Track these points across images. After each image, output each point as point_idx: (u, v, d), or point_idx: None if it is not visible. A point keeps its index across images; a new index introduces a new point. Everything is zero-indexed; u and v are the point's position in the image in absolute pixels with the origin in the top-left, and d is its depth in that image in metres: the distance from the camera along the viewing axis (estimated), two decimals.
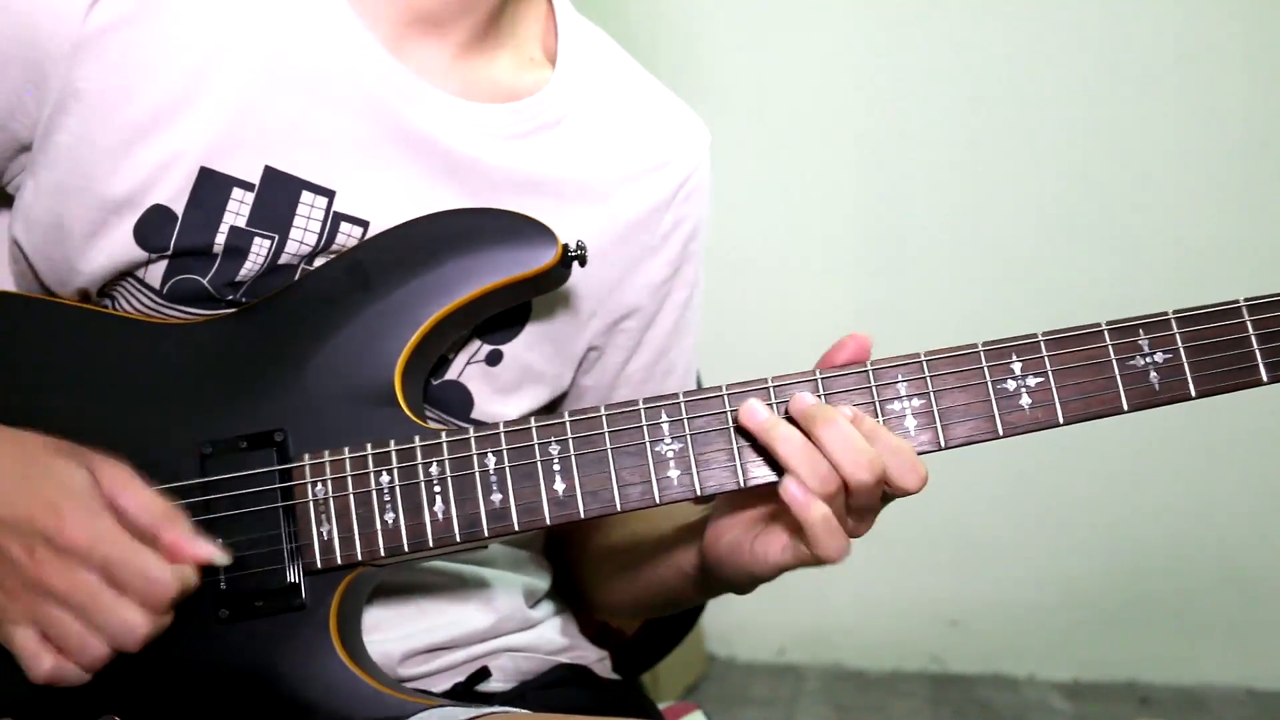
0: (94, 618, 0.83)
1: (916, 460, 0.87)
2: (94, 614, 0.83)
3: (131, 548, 0.83)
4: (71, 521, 0.82)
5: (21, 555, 0.83)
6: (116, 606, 0.83)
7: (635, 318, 1.11)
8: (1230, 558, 2.79)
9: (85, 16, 0.92)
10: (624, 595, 1.14)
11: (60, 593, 0.82)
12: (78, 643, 0.83)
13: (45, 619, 0.83)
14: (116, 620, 0.83)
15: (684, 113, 1.15)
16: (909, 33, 2.78)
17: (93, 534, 0.83)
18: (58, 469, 0.85)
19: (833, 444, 0.86)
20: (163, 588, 0.83)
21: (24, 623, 0.84)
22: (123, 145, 0.94)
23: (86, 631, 0.83)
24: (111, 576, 0.83)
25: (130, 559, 0.83)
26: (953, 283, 2.82)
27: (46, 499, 0.83)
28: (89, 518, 0.83)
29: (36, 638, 0.84)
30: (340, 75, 0.97)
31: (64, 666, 0.84)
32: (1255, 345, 0.87)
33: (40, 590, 0.83)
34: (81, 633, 0.83)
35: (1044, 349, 0.88)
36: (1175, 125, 2.70)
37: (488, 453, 0.91)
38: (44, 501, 0.83)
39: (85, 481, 0.85)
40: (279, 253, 0.97)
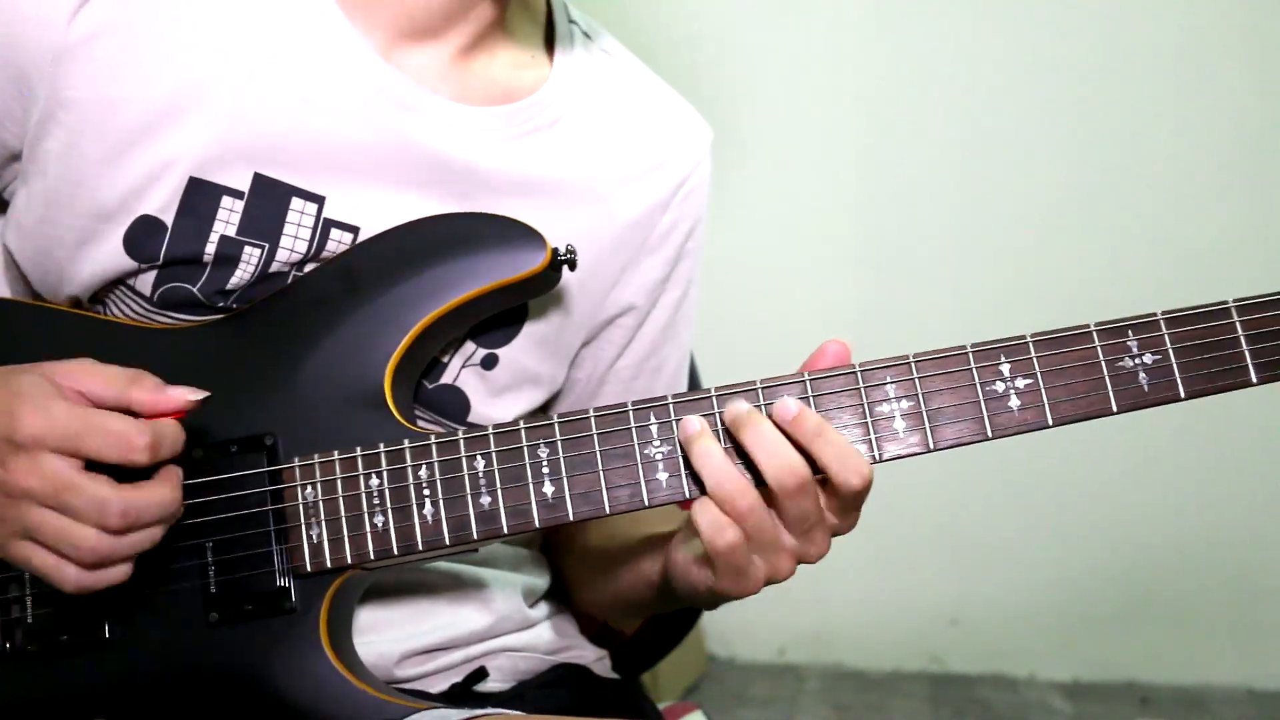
0: (67, 503, 0.81)
1: (859, 460, 0.86)
2: (67, 499, 0.81)
3: (88, 415, 0.82)
4: (24, 415, 0.81)
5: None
6: (86, 483, 0.81)
7: (630, 315, 1.11)
8: (1230, 558, 2.79)
9: (68, 24, 0.92)
10: (600, 596, 1.15)
11: (34, 490, 0.81)
12: (65, 536, 0.81)
13: (33, 524, 0.82)
14: (88, 498, 0.81)
15: (685, 110, 1.14)
16: (909, 33, 2.78)
17: (48, 419, 0.81)
18: (10, 380, 0.84)
19: (755, 448, 0.85)
20: (132, 438, 0.82)
21: (23, 538, 0.82)
22: (112, 154, 0.93)
23: (68, 522, 0.81)
24: (79, 451, 0.81)
25: (90, 424, 0.82)
26: (952, 283, 2.82)
27: (2, 408, 0.82)
28: (40, 406, 0.81)
29: (34, 546, 0.82)
30: (331, 82, 0.97)
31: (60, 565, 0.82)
32: (1245, 346, 0.87)
33: (19, 496, 0.81)
34: (64, 524, 0.81)
35: (1033, 350, 0.88)
36: (1173, 127, 2.69)
37: (477, 455, 0.90)
38: (1, 411, 0.82)
39: (37, 380, 0.83)
40: (269, 261, 0.96)
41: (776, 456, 0.85)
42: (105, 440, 0.81)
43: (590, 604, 1.17)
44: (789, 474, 0.84)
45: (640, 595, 1.06)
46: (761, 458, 0.85)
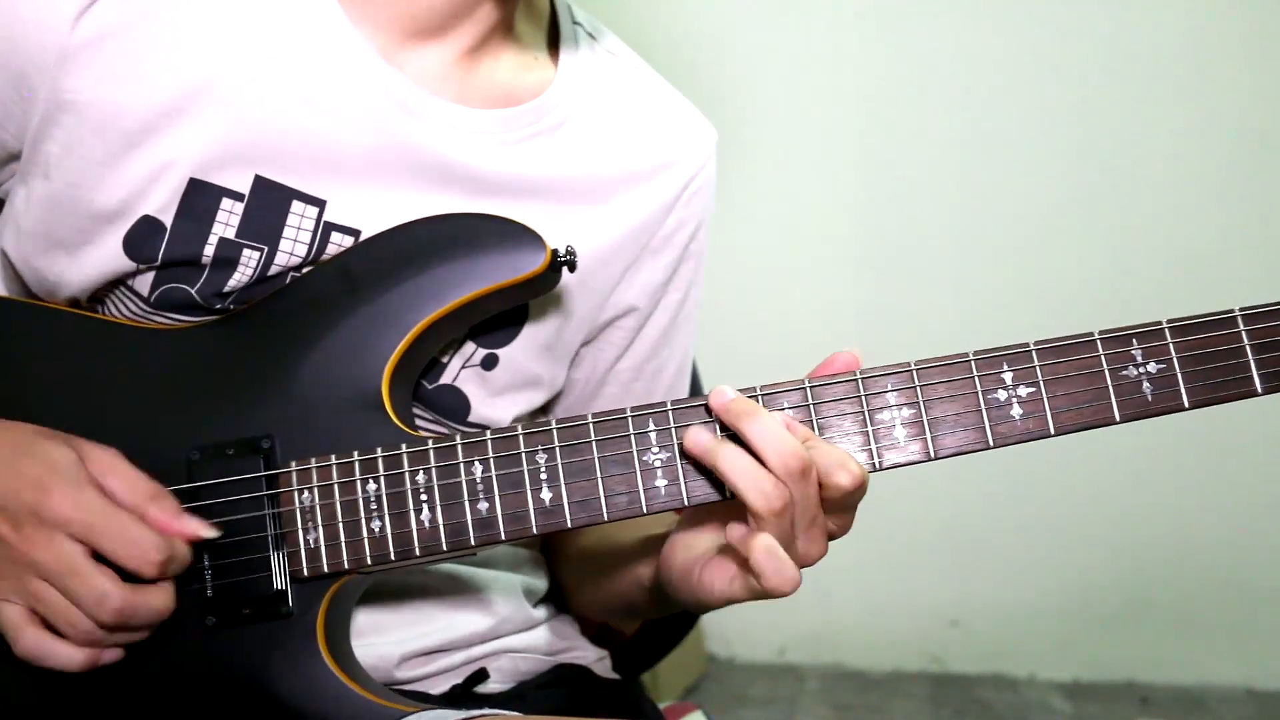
0: (71, 587, 0.84)
1: (848, 459, 0.84)
2: (71, 583, 0.84)
3: (111, 512, 0.85)
4: (57, 494, 0.84)
5: (9, 533, 0.84)
6: (92, 574, 0.84)
7: (631, 316, 1.11)
8: (1230, 558, 2.79)
9: (72, 27, 0.91)
10: (593, 599, 1.14)
11: (43, 564, 0.84)
12: (61, 614, 0.85)
13: (32, 593, 0.85)
14: (90, 589, 0.84)
15: (689, 112, 1.14)
16: (909, 34, 2.78)
17: (75, 504, 0.84)
18: (45, 450, 0.87)
19: (759, 439, 0.84)
20: (148, 551, 0.85)
21: (13, 599, 0.85)
22: (112, 156, 0.93)
23: (64, 603, 0.84)
24: (96, 546, 0.84)
25: (113, 526, 0.84)
26: (952, 285, 2.81)
27: (33, 477, 0.85)
28: (74, 491, 0.84)
29: (23, 612, 0.86)
30: (332, 84, 0.96)
31: (44, 643, 0.86)
32: (1250, 356, 0.86)
33: (26, 565, 0.84)
34: (60, 603, 0.84)
35: (1036, 358, 0.87)
36: (1174, 128, 2.69)
37: (475, 461, 0.90)
38: (31, 479, 0.85)
39: (72, 459, 0.86)
40: (268, 264, 0.96)
41: (780, 443, 0.83)
42: (123, 545, 0.85)
43: (585, 606, 1.17)
44: (794, 457, 0.83)
45: (633, 598, 1.06)
46: (766, 445, 0.83)
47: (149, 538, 0.85)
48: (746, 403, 0.86)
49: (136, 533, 0.85)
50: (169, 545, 0.86)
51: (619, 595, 1.08)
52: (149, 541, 0.85)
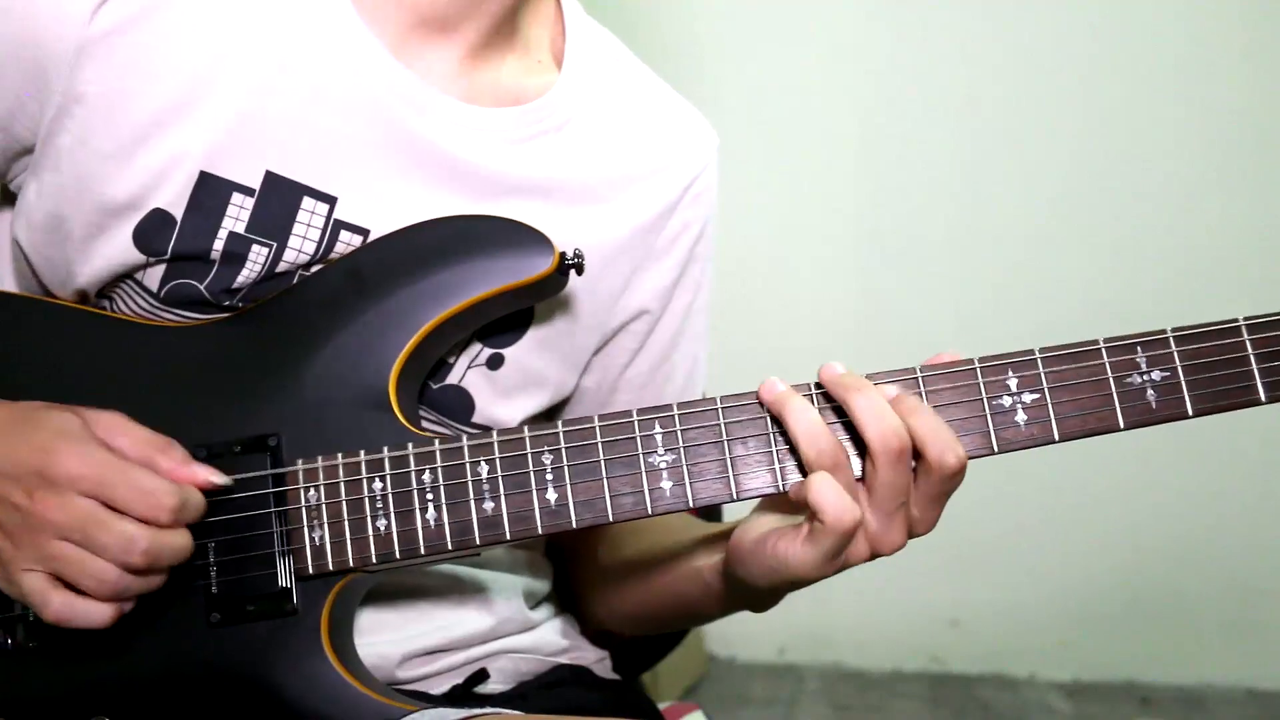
0: (93, 537, 0.82)
1: (954, 439, 0.85)
2: (93, 533, 0.82)
3: (121, 465, 0.84)
4: (64, 454, 0.83)
5: (22, 499, 0.83)
6: (114, 521, 0.83)
7: (641, 321, 1.11)
8: (1230, 558, 2.79)
9: (90, 20, 0.92)
10: (631, 604, 1.13)
11: (60, 524, 0.82)
12: (85, 567, 0.83)
13: (51, 555, 0.83)
14: (116, 535, 0.82)
15: (691, 115, 1.14)
16: (909, 35, 2.78)
17: (83, 461, 0.83)
18: (49, 416, 0.86)
19: (861, 411, 0.85)
20: (161, 498, 0.83)
21: (34, 567, 0.84)
22: (123, 149, 0.93)
23: (90, 555, 0.83)
24: (109, 499, 0.83)
25: (124, 477, 0.83)
26: (952, 285, 2.81)
27: (39, 443, 0.84)
28: (80, 449, 0.83)
29: (44, 578, 0.84)
30: (343, 80, 0.96)
31: (74, 603, 0.84)
32: (1254, 365, 0.86)
33: (43, 528, 0.83)
34: (85, 557, 0.83)
35: (1041, 365, 0.87)
36: (1175, 128, 2.69)
37: (481, 461, 0.90)
38: (37, 445, 0.84)
39: (76, 423, 0.85)
40: (277, 260, 0.96)
41: (883, 420, 0.84)
42: (136, 494, 0.83)
43: (614, 612, 1.15)
44: (894, 435, 0.84)
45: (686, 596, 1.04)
46: (869, 420, 0.84)
47: (161, 484, 0.84)
48: (854, 377, 0.87)
49: (148, 481, 0.84)
50: (181, 490, 0.85)
51: (672, 594, 1.06)
52: (162, 488, 0.84)
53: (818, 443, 0.85)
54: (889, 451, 0.84)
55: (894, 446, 0.84)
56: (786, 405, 0.87)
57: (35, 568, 0.84)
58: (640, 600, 1.11)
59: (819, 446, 0.85)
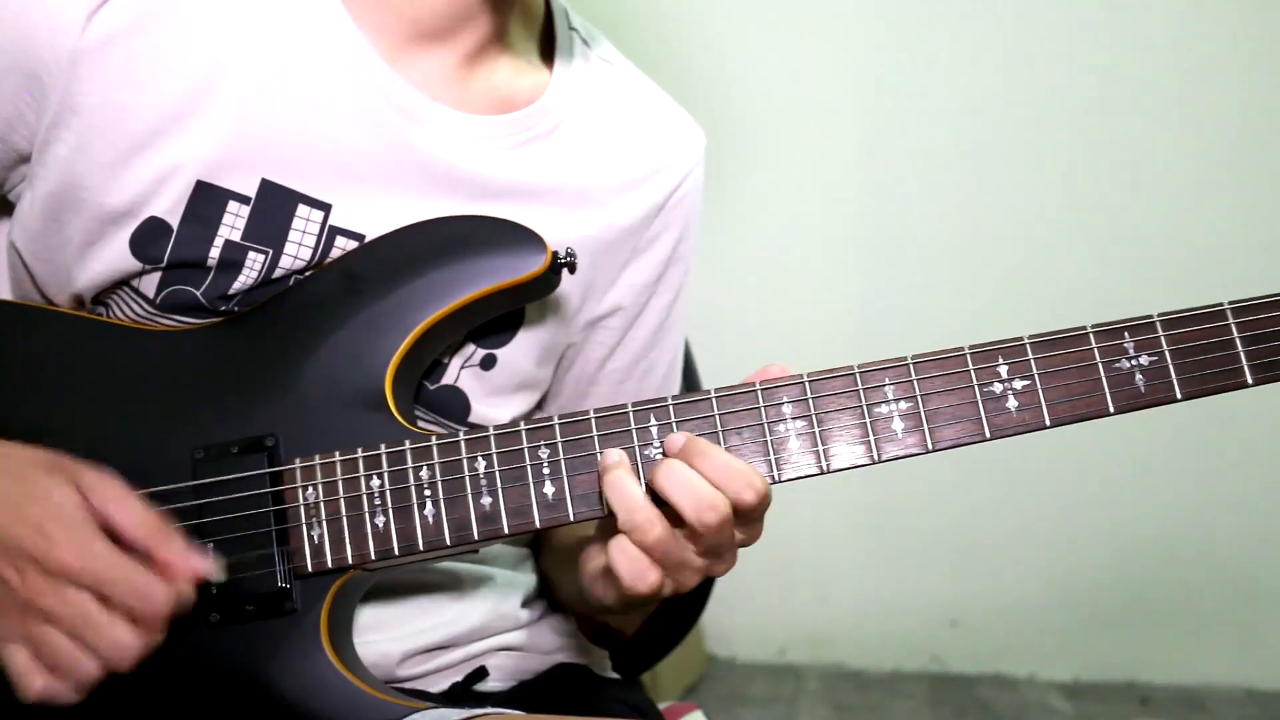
0: (86, 637, 0.82)
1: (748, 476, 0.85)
2: (85, 633, 0.82)
3: (122, 564, 0.83)
4: (60, 544, 0.82)
5: (13, 577, 0.83)
6: (108, 626, 0.82)
7: (618, 316, 1.12)
8: (1230, 558, 2.79)
9: (84, 29, 0.92)
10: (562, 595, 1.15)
11: (52, 613, 0.82)
12: (70, 662, 0.83)
13: (38, 638, 0.83)
14: (108, 640, 0.82)
15: (679, 116, 1.15)
16: (909, 34, 2.78)
17: (82, 554, 0.82)
18: (44, 488, 0.85)
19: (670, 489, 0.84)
20: (156, 602, 0.83)
21: (17, 641, 0.84)
22: (120, 158, 0.94)
23: (78, 651, 0.83)
24: (103, 595, 0.83)
25: (122, 576, 0.83)
26: (952, 283, 2.82)
27: (34, 522, 0.83)
28: (78, 538, 0.83)
29: (29, 657, 0.84)
30: (338, 88, 0.97)
31: (55, 686, 0.84)
32: (1240, 348, 0.87)
33: (33, 611, 0.83)
34: (73, 652, 0.83)
35: (1030, 352, 0.88)
36: (1172, 128, 2.70)
37: (478, 456, 0.91)
38: (32, 524, 0.83)
39: (73, 500, 0.84)
40: (273, 267, 0.97)
41: (692, 495, 0.84)
42: (134, 598, 0.83)
43: (562, 602, 1.17)
44: (709, 510, 0.84)
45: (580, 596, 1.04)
46: (679, 497, 0.84)
47: (158, 589, 0.83)
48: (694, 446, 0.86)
49: (146, 585, 0.83)
50: (176, 592, 0.84)
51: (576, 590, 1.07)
52: (159, 594, 0.83)
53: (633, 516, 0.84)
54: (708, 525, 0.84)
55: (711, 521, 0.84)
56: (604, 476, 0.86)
57: (19, 643, 0.84)
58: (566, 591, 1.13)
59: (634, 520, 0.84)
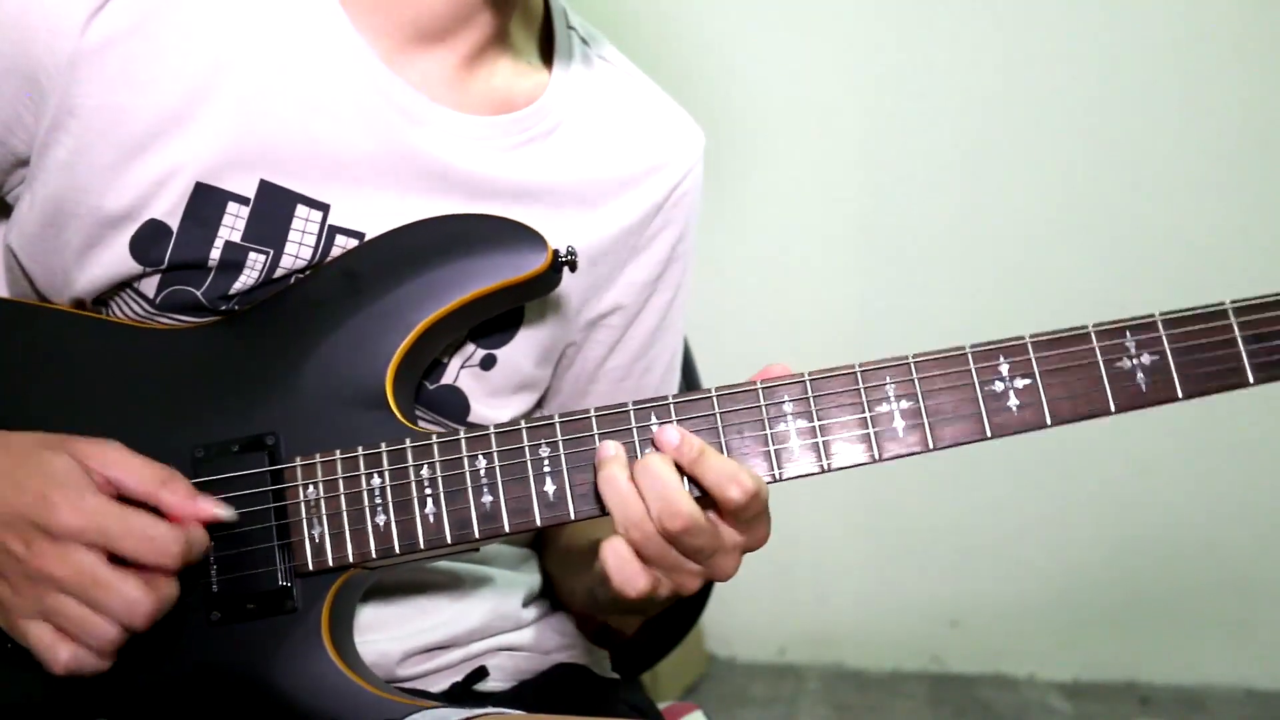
0: (96, 598, 0.83)
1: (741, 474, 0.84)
2: (95, 594, 0.83)
3: (123, 514, 0.84)
4: (62, 506, 0.83)
5: (20, 549, 0.83)
6: (117, 583, 0.83)
7: (618, 315, 1.12)
8: (1230, 558, 2.79)
9: (83, 31, 0.92)
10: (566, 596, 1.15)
11: (61, 579, 0.83)
12: (86, 627, 0.83)
13: (52, 608, 0.84)
14: (118, 597, 0.83)
15: (678, 116, 1.15)
16: (909, 34, 2.78)
17: (83, 513, 0.83)
18: (42, 460, 0.85)
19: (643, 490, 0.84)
20: (167, 545, 0.84)
21: (35, 616, 0.84)
22: (119, 161, 0.94)
23: (92, 614, 0.83)
24: (113, 550, 0.83)
25: (124, 526, 0.83)
26: (953, 283, 2.82)
27: (35, 490, 0.84)
28: (78, 499, 0.83)
29: (50, 630, 0.84)
30: (337, 90, 0.97)
31: (80, 655, 0.84)
32: (1241, 347, 0.87)
33: (43, 580, 0.83)
34: (87, 616, 0.83)
35: (1031, 351, 0.88)
36: (1172, 127, 2.69)
37: (478, 454, 0.91)
38: (33, 493, 0.84)
39: (70, 466, 0.85)
40: (274, 267, 0.97)
41: (658, 497, 0.84)
42: (141, 544, 0.84)
43: (566, 603, 1.17)
44: (671, 517, 0.83)
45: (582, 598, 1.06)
46: (649, 497, 0.84)
47: (165, 532, 0.84)
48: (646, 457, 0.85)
49: (152, 529, 0.84)
50: (185, 535, 0.85)
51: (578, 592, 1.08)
52: (167, 536, 0.84)
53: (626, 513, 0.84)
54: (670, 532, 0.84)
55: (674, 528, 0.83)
56: (600, 471, 0.86)
57: (38, 618, 0.84)
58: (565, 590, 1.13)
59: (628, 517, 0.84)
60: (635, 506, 0.84)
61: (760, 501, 0.85)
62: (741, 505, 0.84)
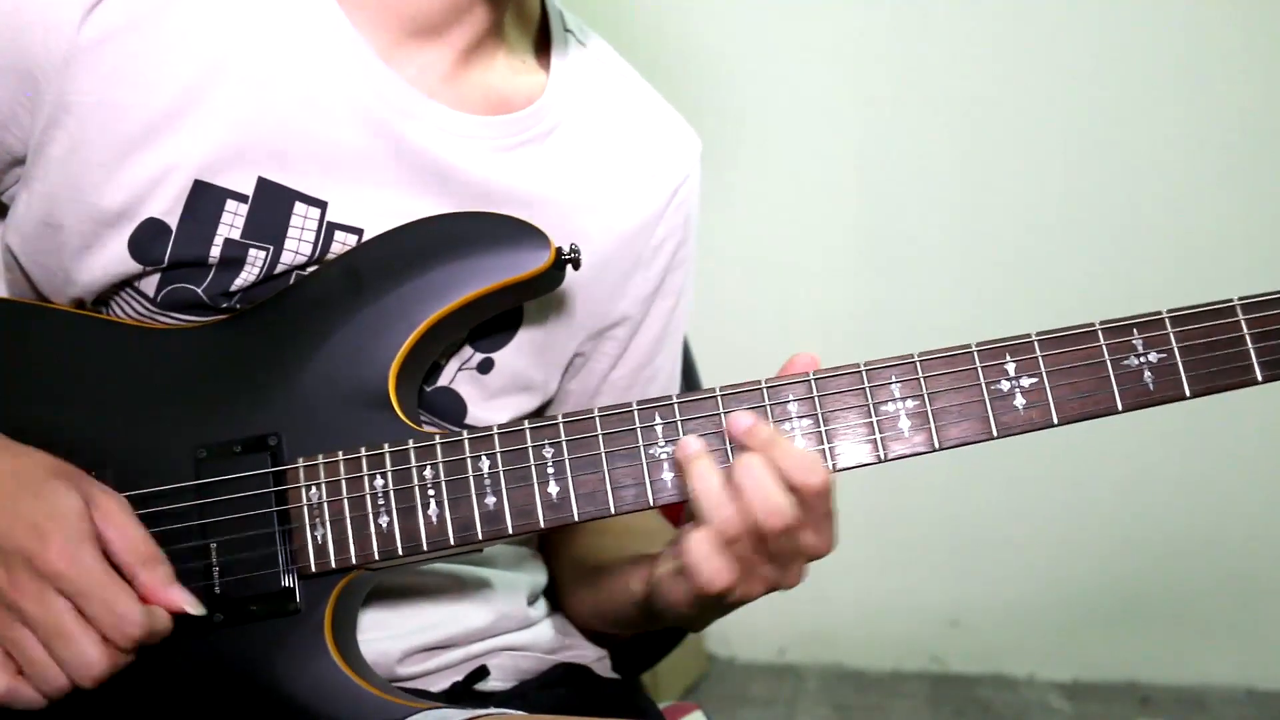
0: (55, 646, 0.83)
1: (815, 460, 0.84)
2: (56, 642, 0.83)
3: (105, 580, 0.84)
4: (54, 546, 0.83)
5: (1, 575, 0.84)
6: (78, 639, 0.83)
7: (624, 326, 1.11)
8: (1230, 558, 2.79)
9: (79, 28, 0.91)
10: (585, 607, 1.14)
11: (30, 616, 0.83)
12: (38, 668, 0.84)
13: (11, 639, 0.84)
14: (75, 653, 0.83)
15: (676, 121, 1.15)
16: (910, 35, 2.78)
17: (71, 561, 0.83)
18: (51, 492, 0.86)
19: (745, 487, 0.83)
20: (129, 624, 0.84)
21: None
22: (116, 158, 0.93)
23: (47, 659, 0.84)
24: (82, 606, 0.84)
25: (102, 591, 0.84)
26: (953, 283, 2.82)
27: (34, 521, 0.84)
28: (72, 545, 0.84)
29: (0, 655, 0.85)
30: (333, 86, 0.97)
31: (19, 689, 0.85)
32: (1250, 344, 0.86)
33: (13, 610, 0.84)
34: (42, 659, 0.84)
35: (1038, 349, 0.88)
36: (1175, 125, 2.69)
37: (481, 455, 0.91)
38: (31, 524, 0.84)
39: (76, 508, 0.85)
40: (274, 263, 0.96)
41: (765, 499, 0.83)
42: (107, 615, 0.84)
43: (578, 612, 1.16)
44: (772, 515, 0.83)
45: (622, 611, 1.05)
46: (751, 495, 0.83)
47: (133, 613, 0.84)
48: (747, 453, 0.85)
49: (123, 606, 0.84)
50: (151, 620, 0.85)
51: (607, 605, 1.08)
52: (133, 617, 0.84)
53: (719, 510, 0.83)
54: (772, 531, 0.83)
55: (775, 526, 0.83)
56: (690, 466, 0.85)
57: None
58: (592, 599, 1.12)
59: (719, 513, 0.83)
60: (729, 504, 0.83)
61: (829, 492, 0.85)
62: (821, 491, 0.83)
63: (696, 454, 0.85)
